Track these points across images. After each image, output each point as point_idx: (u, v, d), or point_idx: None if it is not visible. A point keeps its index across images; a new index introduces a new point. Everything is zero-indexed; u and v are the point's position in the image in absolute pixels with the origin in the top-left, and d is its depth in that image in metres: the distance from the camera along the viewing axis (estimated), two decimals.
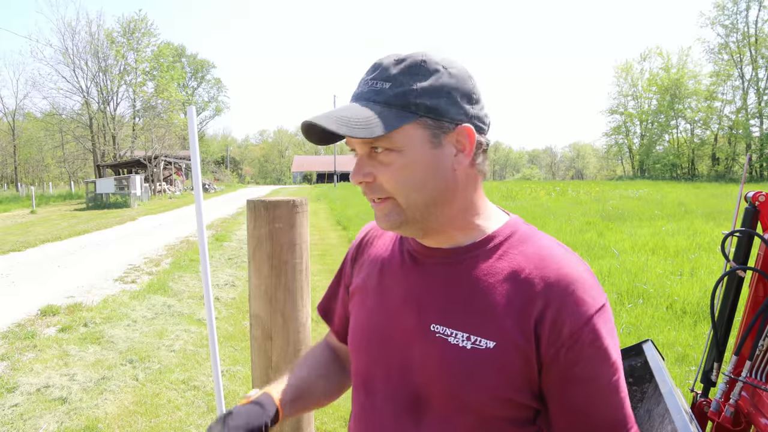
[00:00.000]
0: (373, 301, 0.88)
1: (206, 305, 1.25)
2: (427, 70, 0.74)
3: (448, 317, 0.77)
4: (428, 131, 0.74)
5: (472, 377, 0.74)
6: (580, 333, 0.71)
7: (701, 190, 23.00)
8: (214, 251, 9.53)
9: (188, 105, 3.29)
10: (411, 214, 0.76)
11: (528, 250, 0.78)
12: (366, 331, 0.88)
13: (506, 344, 0.73)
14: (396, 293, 0.84)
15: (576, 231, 10.16)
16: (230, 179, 66.76)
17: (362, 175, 0.76)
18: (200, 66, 67.46)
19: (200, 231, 1.25)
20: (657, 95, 51.39)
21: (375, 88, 0.75)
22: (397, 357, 0.82)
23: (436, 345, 0.77)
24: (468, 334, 0.75)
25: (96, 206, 22.65)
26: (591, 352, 0.72)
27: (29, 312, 5.59)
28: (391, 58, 0.76)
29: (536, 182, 43.73)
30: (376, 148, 0.75)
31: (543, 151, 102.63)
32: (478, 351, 0.74)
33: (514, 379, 0.74)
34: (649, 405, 1.87)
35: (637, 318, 4.73)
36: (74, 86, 37.02)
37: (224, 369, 3.98)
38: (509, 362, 0.73)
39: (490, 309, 0.75)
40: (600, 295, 0.74)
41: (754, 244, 1.80)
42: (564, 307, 0.72)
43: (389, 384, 0.83)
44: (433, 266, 0.81)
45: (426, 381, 0.79)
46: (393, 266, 0.87)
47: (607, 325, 0.73)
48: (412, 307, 0.81)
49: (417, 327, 0.80)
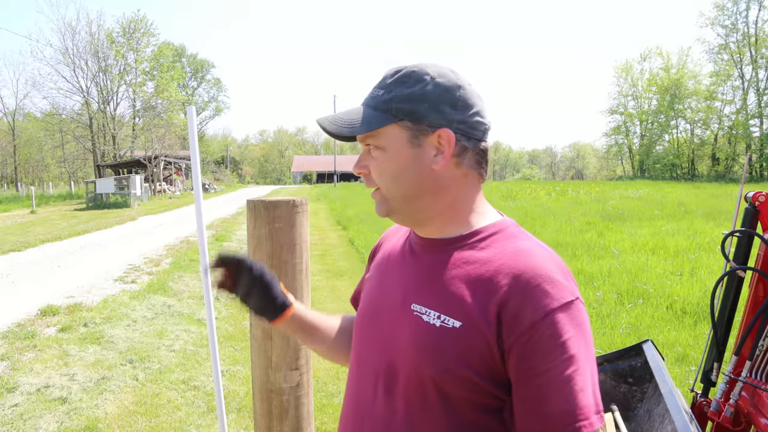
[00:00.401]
0: (375, 286, 0.98)
1: (206, 305, 1.25)
2: (414, 79, 0.84)
3: (426, 297, 0.85)
4: (408, 132, 0.84)
5: (433, 351, 0.81)
6: (539, 325, 0.75)
7: (701, 190, 23.00)
8: (214, 251, 9.51)
9: (188, 105, 3.29)
10: (392, 203, 0.88)
11: (507, 245, 0.84)
12: (364, 312, 0.98)
13: (470, 326, 0.79)
14: (393, 278, 0.94)
15: (576, 231, 10.17)
16: (230, 179, 66.77)
17: (359, 167, 0.89)
18: (200, 66, 67.46)
19: (200, 231, 1.25)
20: (657, 95, 51.39)
21: (373, 95, 0.87)
22: (382, 333, 0.91)
23: (412, 321, 0.85)
24: (439, 313, 0.82)
25: (96, 206, 22.65)
26: (546, 345, 0.74)
27: (29, 312, 5.59)
28: (392, 69, 0.88)
29: (536, 182, 43.73)
30: (368, 146, 0.87)
31: (543, 151, 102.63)
32: (445, 329, 0.80)
33: (472, 360, 0.79)
34: (649, 405, 1.87)
35: (637, 318, 4.73)
36: (74, 86, 37.07)
37: (224, 369, 3.98)
38: (471, 343, 0.78)
39: (460, 292, 0.82)
40: (568, 293, 0.77)
41: (754, 244, 1.80)
42: (527, 299, 0.76)
43: (372, 356, 0.92)
44: (423, 254, 0.91)
45: (398, 354, 0.86)
46: (396, 256, 0.98)
47: (571, 322, 0.76)
48: (401, 289, 0.90)
49: (401, 305, 0.88)
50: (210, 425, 3.20)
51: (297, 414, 1.45)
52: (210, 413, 3.35)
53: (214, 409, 3.43)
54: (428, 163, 0.85)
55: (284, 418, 1.44)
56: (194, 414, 3.33)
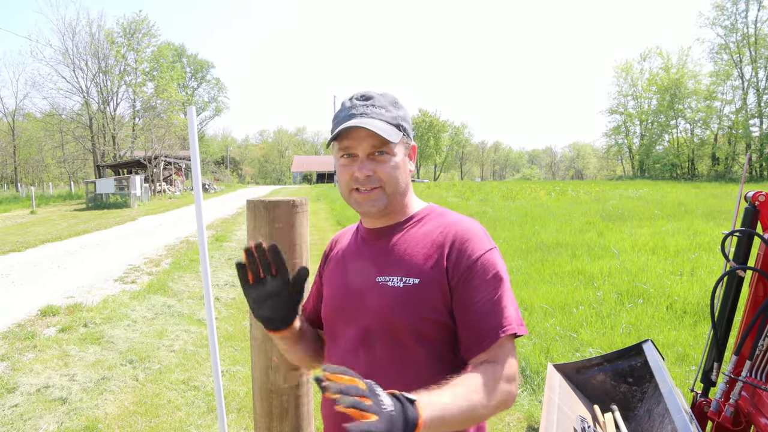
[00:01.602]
0: (338, 277, 1.20)
1: (206, 305, 1.25)
2: (399, 104, 1.15)
3: (388, 269, 1.10)
4: (403, 145, 1.14)
5: (404, 305, 1.06)
6: (473, 265, 1.05)
7: (701, 190, 22.99)
8: (214, 251, 9.53)
9: (188, 105, 3.29)
10: (391, 198, 1.12)
11: (440, 220, 1.15)
12: (333, 299, 1.18)
13: (426, 279, 1.06)
14: (353, 266, 1.18)
15: (576, 231, 10.17)
16: (230, 179, 66.72)
17: (368, 170, 1.08)
18: (200, 66, 67.42)
19: (200, 231, 1.25)
20: (657, 95, 51.36)
21: (376, 111, 1.10)
22: (354, 308, 1.12)
23: (380, 289, 1.09)
24: (400, 277, 1.08)
25: (96, 206, 22.64)
26: (480, 279, 1.05)
27: (29, 312, 5.59)
28: (375, 92, 1.14)
29: (536, 182, 43.71)
30: (380, 152, 1.09)
31: (543, 151, 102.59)
32: (407, 287, 1.07)
33: (434, 302, 1.05)
34: (649, 405, 1.87)
35: (637, 318, 4.73)
36: (74, 86, 37.05)
37: (224, 369, 3.98)
38: (429, 291, 1.06)
39: (413, 258, 1.09)
40: (489, 242, 1.10)
41: (754, 244, 1.80)
42: (462, 250, 1.07)
43: (347, 328, 1.13)
44: (375, 240, 1.17)
45: (373, 318, 1.09)
46: (350, 249, 1.22)
47: (493, 262, 1.07)
48: (363, 271, 1.14)
49: (367, 281, 1.12)
50: (210, 425, 3.20)
51: (297, 414, 1.45)
52: (210, 413, 3.35)
53: (214, 409, 3.43)
54: (408, 167, 1.16)
55: (284, 418, 1.44)
56: (194, 414, 3.33)
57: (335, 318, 1.17)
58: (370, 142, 1.07)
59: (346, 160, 1.10)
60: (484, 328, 1.02)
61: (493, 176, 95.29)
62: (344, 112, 1.11)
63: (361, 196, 1.10)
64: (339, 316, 1.16)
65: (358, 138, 1.07)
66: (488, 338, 1.01)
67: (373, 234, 1.17)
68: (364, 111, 1.09)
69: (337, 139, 1.10)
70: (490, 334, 1.01)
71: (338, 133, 1.08)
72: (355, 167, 1.08)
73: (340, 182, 1.12)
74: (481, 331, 1.02)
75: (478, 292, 1.03)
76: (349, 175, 1.09)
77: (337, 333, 1.16)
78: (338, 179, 1.13)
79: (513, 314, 1.03)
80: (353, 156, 1.09)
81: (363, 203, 1.10)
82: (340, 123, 1.10)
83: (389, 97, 1.14)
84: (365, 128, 1.05)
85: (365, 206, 1.10)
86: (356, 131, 1.07)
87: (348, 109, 1.11)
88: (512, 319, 1.03)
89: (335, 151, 1.13)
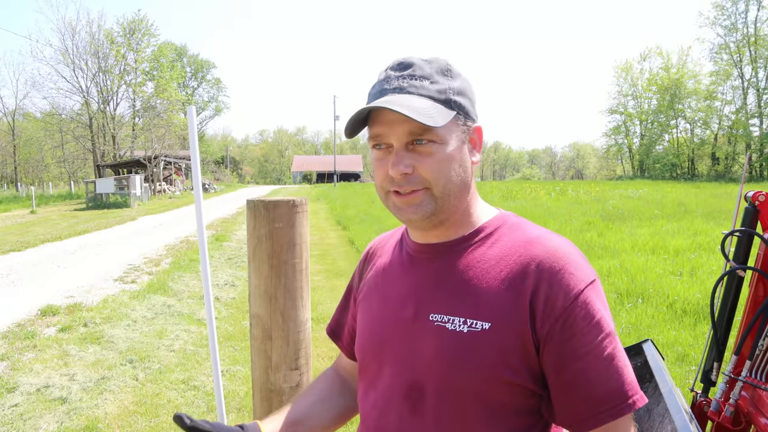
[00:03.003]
0: (376, 304, 0.91)
1: (206, 305, 1.25)
2: (454, 72, 0.83)
3: (445, 305, 0.80)
4: (460, 127, 0.82)
5: (468, 359, 0.76)
6: (573, 307, 0.74)
7: (701, 189, 22.99)
8: (214, 251, 9.52)
9: (188, 105, 3.29)
10: (442, 203, 0.80)
11: (517, 237, 0.83)
12: (370, 332, 0.91)
13: (501, 324, 0.76)
14: (396, 291, 0.88)
15: (576, 231, 10.16)
16: (230, 179, 66.73)
17: (404, 166, 0.78)
18: (201, 66, 67.43)
19: (200, 231, 1.25)
20: (657, 95, 51.37)
21: (415, 84, 0.79)
22: (397, 350, 0.85)
23: (435, 332, 0.80)
24: (464, 318, 0.78)
25: (96, 206, 22.64)
26: (584, 326, 0.74)
27: (29, 312, 5.59)
28: (418, 58, 0.83)
29: (536, 182, 43.71)
30: (419, 141, 0.78)
31: (543, 151, 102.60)
32: (474, 333, 0.77)
33: (510, 358, 0.75)
34: (649, 405, 1.87)
35: (637, 318, 4.73)
36: (74, 86, 37.06)
37: (224, 369, 3.98)
38: (505, 341, 0.75)
39: (483, 292, 0.78)
40: (590, 271, 0.78)
41: (754, 244, 1.80)
42: (555, 283, 0.75)
43: (391, 377, 0.85)
44: (426, 261, 0.86)
45: (423, 369, 0.81)
46: (393, 269, 0.92)
47: (599, 299, 0.76)
48: (411, 301, 0.85)
49: (416, 318, 0.83)
50: None
51: None
52: (210, 413, 3.35)
53: (214, 409, 3.43)
54: (469, 159, 0.84)
55: None
56: (194, 414, 3.33)
57: (371, 358, 0.90)
58: (405, 128, 0.77)
59: (379, 153, 0.82)
60: (599, 395, 0.73)
61: (493, 176, 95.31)
62: (376, 87, 0.83)
63: (400, 200, 0.81)
64: (375, 356, 0.89)
65: (389, 123, 0.78)
66: (608, 411, 0.73)
67: (425, 251, 0.87)
68: (400, 84, 0.80)
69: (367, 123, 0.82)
70: (611, 406, 0.73)
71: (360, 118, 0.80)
72: (390, 161, 0.80)
73: (375, 181, 0.86)
74: (596, 399, 0.73)
75: (582, 345, 0.74)
76: (384, 172, 0.81)
77: (370, 374, 0.91)
78: (374, 177, 0.86)
79: (633, 376, 0.76)
80: (388, 146, 0.80)
81: (403, 209, 0.82)
82: (372, 99, 0.82)
83: (438, 64, 0.82)
84: (392, 110, 0.75)
85: (406, 213, 0.82)
86: (384, 114, 0.78)
87: (380, 84, 0.82)
88: (634, 382, 0.75)
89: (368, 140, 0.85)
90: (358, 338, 0.95)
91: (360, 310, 0.96)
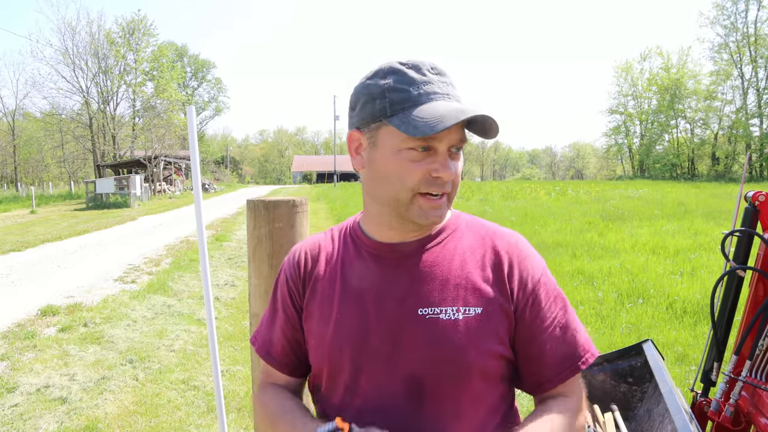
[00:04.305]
0: (343, 309, 0.89)
1: (206, 305, 1.25)
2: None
3: (433, 297, 0.85)
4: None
5: (468, 342, 0.83)
6: (538, 287, 0.88)
7: (701, 189, 22.99)
8: (214, 251, 9.52)
9: (188, 105, 3.29)
10: (449, 207, 0.89)
11: (477, 231, 0.93)
12: (338, 337, 0.88)
13: (490, 306, 0.86)
14: (368, 293, 0.88)
15: (576, 231, 10.16)
16: (230, 179, 66.73)
17: (454, 170, 0.84)
18: (201, 66, 67.43)
19: (200, 231, 1.25)
20: (657, 95, 51.39)
21: (458, 93, 0.85)
22: (381, 349, 0.86)
23: (428, 324, 0.84)
24: (457, 307, 0.85)
25: (96, 206, 22.63)
26: (546, 302, 0.88)
27: (29, 312, 5.59)
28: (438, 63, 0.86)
29: (536, 182, 43.73)
30: (457, 149, 0.84)
31: (543, 151, 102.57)
32: (469, 319, 0.84)
33: (501, 335, 0.86)
34: (649, 405, 1.86)
35: (637, 318, 4.73)
36: (74, 86, 37.06)
37: (224, 369, 3.98)
38: (496, 321, 0.86)
39: (469, 281, 0.87)
40: (541, 257, 0.94)
41: (754, 244, 1.79)
42: (524, 268, 0.89)
43: (380, 376, 0.86)
44: (402, 258, 0.89)
45: (421, 362, 0.84)
46: (354, 270, 0.91)
47: (552, 279, 0.92)
48: (390, 299, 0.87)
49: (403, 315, 0.85)
50: (210, 425, 3.20)
51: None
52: (210, 413, 3.34)
53: (214, 408, 3.43)
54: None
55: None
56: (194, 414, 3.33)
57: (344, 362, 0.88)
58: (458, 135, 0.81)
59: (419, 155, 0.81)
60: (559, 359, 0.87)
61: (493, 176, 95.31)
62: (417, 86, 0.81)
63: (429, 203, 0.83)
64: (351, 359, 0.87)
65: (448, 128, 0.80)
66: (566, 371, 0.87)
67: (396, 250, 0.89)
68: (449, 92, 0.83)
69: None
70: (568, 366, 0.87)
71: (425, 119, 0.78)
72: (436, 163, 0.81)
73: (401, 180, 0.82)
74: (557, 362, 0.87)
75: (546, 317, 0.87)
76: (423, 172, 0.81)
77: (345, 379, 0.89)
78: (398, 176, 0.82)
79: (586, 339, 0.90)
80: (429, 150, 0.81)
81: (429, 212, 0.83)
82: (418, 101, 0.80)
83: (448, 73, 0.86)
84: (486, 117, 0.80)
85: (432, 216, 0.84)
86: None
87: (422, 84, 0.81)
88: (588, 345, 0.89)
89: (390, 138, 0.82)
90: (318, 347, 0.91)
91: (316, 318, 0.92)
